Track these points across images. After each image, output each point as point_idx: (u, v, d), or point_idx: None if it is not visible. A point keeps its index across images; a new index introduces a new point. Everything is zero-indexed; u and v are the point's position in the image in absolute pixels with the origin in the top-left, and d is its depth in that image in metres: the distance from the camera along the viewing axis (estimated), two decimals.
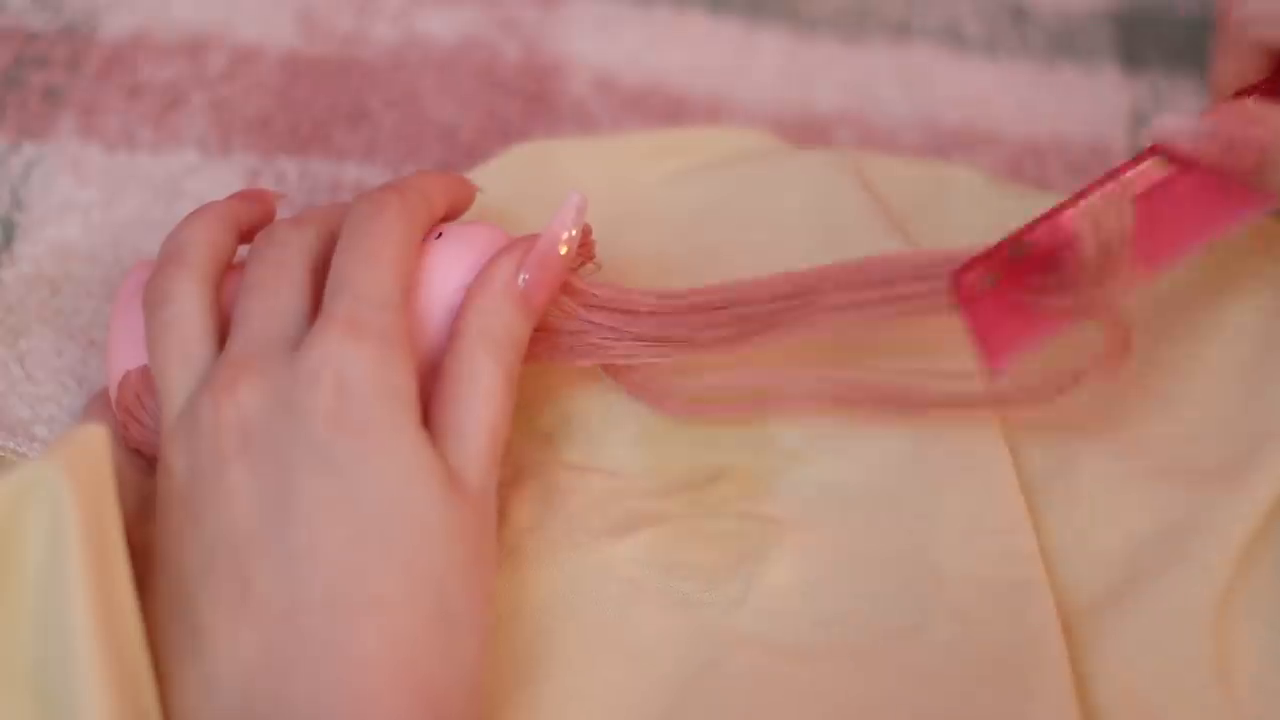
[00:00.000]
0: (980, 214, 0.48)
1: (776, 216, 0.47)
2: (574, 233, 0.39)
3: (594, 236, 0.41)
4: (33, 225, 0.47)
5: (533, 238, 0.39)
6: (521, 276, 0.38)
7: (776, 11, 0.57)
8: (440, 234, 0.39)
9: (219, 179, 0.50)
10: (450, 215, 0.41)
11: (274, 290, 0.36)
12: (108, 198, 0.49)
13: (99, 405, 0.41)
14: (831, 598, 0.39)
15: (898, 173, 0.49)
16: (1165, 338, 0.45)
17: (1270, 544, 0.40)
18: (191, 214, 0.39)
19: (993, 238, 0.47)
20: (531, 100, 0.54)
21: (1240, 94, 0.42)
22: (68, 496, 0.30)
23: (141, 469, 0.38)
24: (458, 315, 0.37)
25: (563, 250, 0.38)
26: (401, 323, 0.35)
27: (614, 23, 0.56)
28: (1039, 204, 0.48)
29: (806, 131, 0.53)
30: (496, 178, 0.47)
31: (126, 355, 0.38)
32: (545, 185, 0.48)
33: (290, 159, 0.51)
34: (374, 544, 0.33)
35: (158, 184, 0.49)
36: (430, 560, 0.34)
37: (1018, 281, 0.38)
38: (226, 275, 0.39)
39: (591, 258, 0.41)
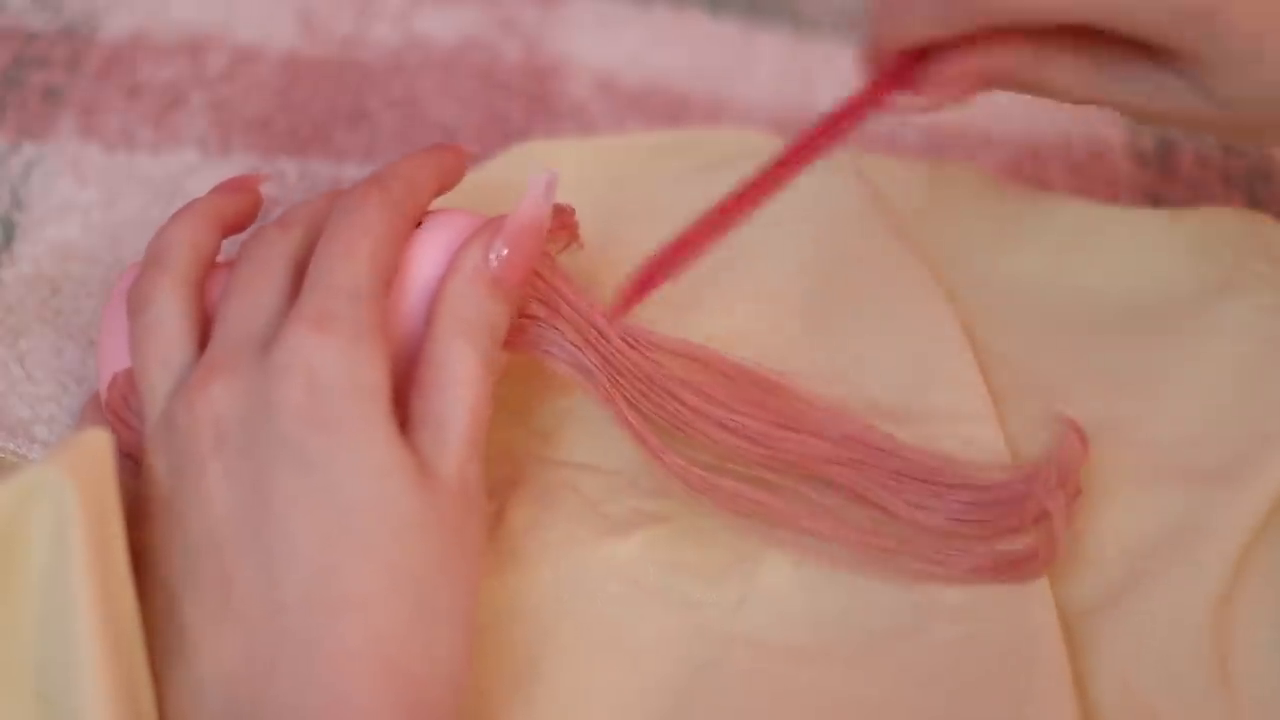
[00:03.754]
0: (980, 214, 0.48)
1: (775, 217, 0.47)
2: (543, 209, 0.38)
3: (581, 225, 0.40)
4: (33, 225, 0.47)
5: (503, 218, 0.38)
6: (492, 257, 0.37)
7: (776, 11, 0.57)
8: (422, 222, 0.39)
9: (219, 179, 0.49)
10: (444, 188, 0.40)
11: (254, 291, 0.36)
12: (108, 198, 0.49)
13: (93, 409, 0.41)
14: (831, 598, 0.39)
15: (898, 173, 0.49)
16: (1164, 338, 0.45)
17: (1270, 545, 0.40)
18: (175, 214, 0.39)
19: (993, 238, 0.47)
20: (532, 101, 0.54)
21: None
22: (71, 500, 0.30)
23: (131, 472, 0.38)
24: (433, 302, 0.37)
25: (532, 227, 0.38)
26: (376, 315, 0.35)
27: (614, 23, 0.56)
28: (1039, 204, 0.48)
29: None
30: (497, 178, 0.47)
31: (116, 358, 0.38)
32: None
33: (290, 159, 0.51)
34: (351, 541, 0.33)
35: (158, 184, 0.49)
36: (408, 556, 0.33)
37: None
38: (213, 273, 0.39)
39: (576, 238, 0.40)
